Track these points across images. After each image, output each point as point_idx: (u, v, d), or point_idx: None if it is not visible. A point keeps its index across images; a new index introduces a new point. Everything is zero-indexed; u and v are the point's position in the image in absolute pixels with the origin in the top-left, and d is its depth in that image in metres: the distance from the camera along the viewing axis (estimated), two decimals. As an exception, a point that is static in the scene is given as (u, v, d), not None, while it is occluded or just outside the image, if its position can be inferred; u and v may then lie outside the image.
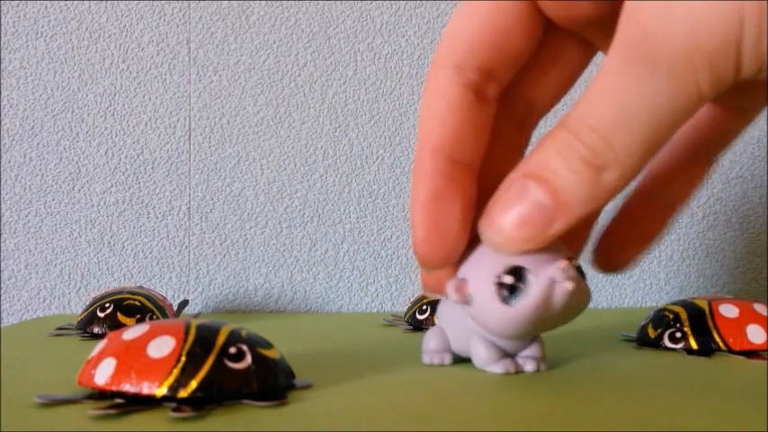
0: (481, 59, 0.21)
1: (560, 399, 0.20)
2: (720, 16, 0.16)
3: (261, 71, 0.49)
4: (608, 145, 0.18)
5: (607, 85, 0.18)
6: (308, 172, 0.49)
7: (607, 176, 0.19)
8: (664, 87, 0.17)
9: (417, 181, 0.21)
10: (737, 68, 0.17)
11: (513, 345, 0.24)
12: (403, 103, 0.50)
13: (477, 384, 0.22)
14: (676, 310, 0.30)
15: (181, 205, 0.48)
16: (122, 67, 0.48)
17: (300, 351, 0.28)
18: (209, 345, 0.20)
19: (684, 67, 0.17)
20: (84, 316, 0.34)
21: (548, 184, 0.19)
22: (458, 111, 0.21)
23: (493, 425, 0.17)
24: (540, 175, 0.20)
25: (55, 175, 0.48)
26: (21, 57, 0.48)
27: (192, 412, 0.18)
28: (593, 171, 0.19)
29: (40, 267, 0.47)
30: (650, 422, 0.18)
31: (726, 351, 0.28)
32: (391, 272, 0.49)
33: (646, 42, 0.17)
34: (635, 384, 0.22)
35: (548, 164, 0.19)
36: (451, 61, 0.21)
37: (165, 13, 0.48)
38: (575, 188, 0.19)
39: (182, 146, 0.48)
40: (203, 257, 0.48)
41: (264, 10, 0.49)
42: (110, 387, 0.19)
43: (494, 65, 0.21)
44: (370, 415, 0.18)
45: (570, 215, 0.20)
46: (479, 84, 0.21)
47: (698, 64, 0.17)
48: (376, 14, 0.50)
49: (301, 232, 0.49)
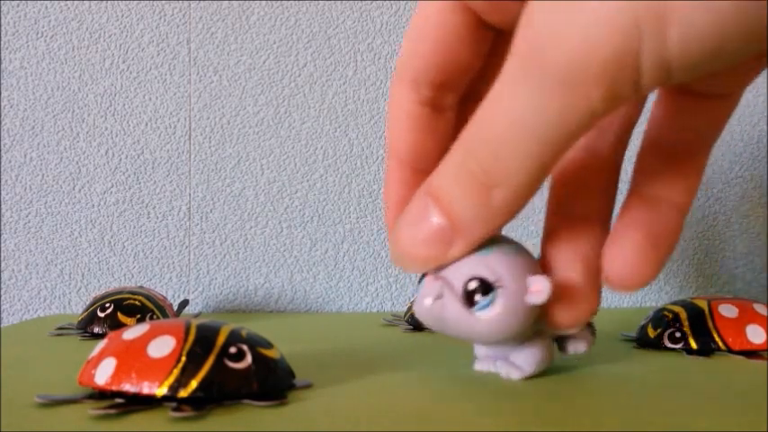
0: (433, 75, 0.22)
1: (560, 399, 0.20)
2: (613, 25, 0.15)
3: (261, 71, 0.49)
4: (498, 161, 0.18)
5: (501, 95, 0.18)
6: (308, 172, 0.49)
7: (498, 195, 0.18)
8: (554, 100, 0.16)
9: (386, 189, 0.23)
10: (636, 81, 0.16)
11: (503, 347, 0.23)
12: (403, 103, 0.49)
13: (477, 384, 0.22)
14: (676, 310, 0.30)
15: (181, 205, 0.48)
16: (122, 68, 0.48)
17: (300, 351, 0.28)
18: (210, 345, 0.20)
19: (575, 80, 0.16)
20: (85, 316, 0.34)
21: (443, 205, 0.20)
22: (416, 124, 0.22)
23: (493, 425, 0.17)
24: (436, 195, 0.20)
25: (55, 175, 0.48)
26: (21, 57, 0.48)
27: (193, 412, 0.18)
28: (484, 191, 0.19)
29: (41, 267, 0.47)
30: (650, 422, 0.18)
31: (725, 351, 0.28)
32: (391, 272, 0.49)
33: (537, 52, 0.16)
34: (635, 384, 0.22)
35: (442, 183, 0.20)
36: (407, 77, 0.22)
37: (165, 13, 0.49)
38: (467, 210, 0.19)
39: (182, 146, 0.48)
40: (203, 257, 0.48)
41: (264, 10, 0.49)
42: (110, 387, 0.19)
43: (446, 78, 0.22)
44: (370, 415, 0.18)
45: (468, 237, 0.20)
46: (435, 97, 0.22)
47: (589, 77, 0.16)
48: (376, 14, 0.50)
49: (301, 232, 0.49)
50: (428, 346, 0.30)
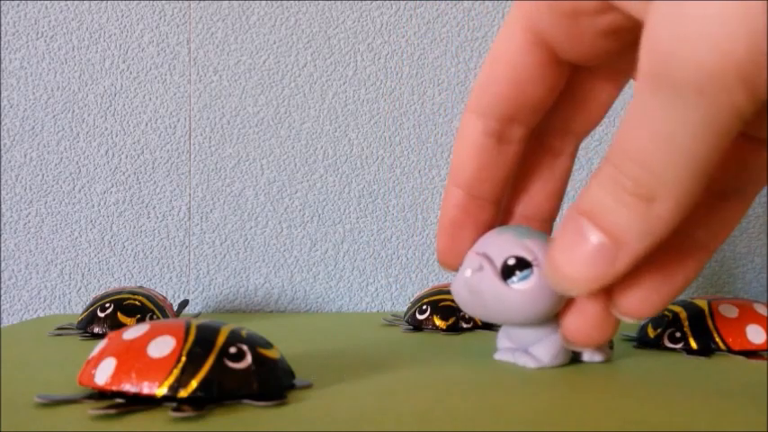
0: (503, 109, 0.23)
1: (560, 399, 0.20)
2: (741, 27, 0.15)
3: (261, 71, 0.49)
4: (651, 174, 0.18)
5: (638, 115, 0.17)
6: (308, 172, 0.49)
7: (659, 207, 0.18)
8: (695, 109, 0.16)
9: (442, 209, 0.25)
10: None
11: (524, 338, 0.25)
12: (403, 103, 0.50)
13: (477, 384, 0.22)
14: (676, 310, 0.30)
15: (181, 205, 0.48)
16: (122, 68, 0.48)
17: (300, 351, 0.28)
18: (210, 345, 0.20)
19: (713, 86, 0.16)
20: (85, 316, 0.34)
21: (601, 222, 0.19)
22: (478, 153, 0.24)
23: (493, 425, 0.17)
24: (592, 213, 0.19)
25: (55, 175, 0.48)
26: (21, 57, 0.48)
27: (193, 412, 0.18)
28: (643, 202, 0.18)
29: (41, 267, 0.47)
30: (650, 422, 0.18)
31: (725, 351, 0.28)
32: (391, 272, 0.49)
33: (666, 65, 0.16)
34: (635, 384, 0.22)
35: (598, 200, 0.19)
36: (477, 109, 0.23)
37: (165, 13, 0.49)
38: (628, 222, 0.19)
39: (182, 146, 0.48)
40: (203, 257, 0.48)
41: (264, 10, 0.49)
42: (110, 387, 0.19)
43: (515, 112, 0.23)
44: (370, 415, 0.18)
45: (631, 250, 0.19)
46: (501, 129, 0.23)
47: (728, 80, 0.15)
48: (376, 14, 0.50)
49: (301, 232, 0.49)
50: (428, 346, 0.30)
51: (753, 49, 0.15)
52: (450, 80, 0.50)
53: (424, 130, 0.50)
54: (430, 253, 0.49)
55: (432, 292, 0.37)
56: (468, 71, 0.50)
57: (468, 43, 0.50)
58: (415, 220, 0.49)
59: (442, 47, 0.50)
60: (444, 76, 0.50)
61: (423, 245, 0.49)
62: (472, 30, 0.50)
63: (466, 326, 0.35)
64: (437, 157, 0.49)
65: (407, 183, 0.49)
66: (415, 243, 0.49)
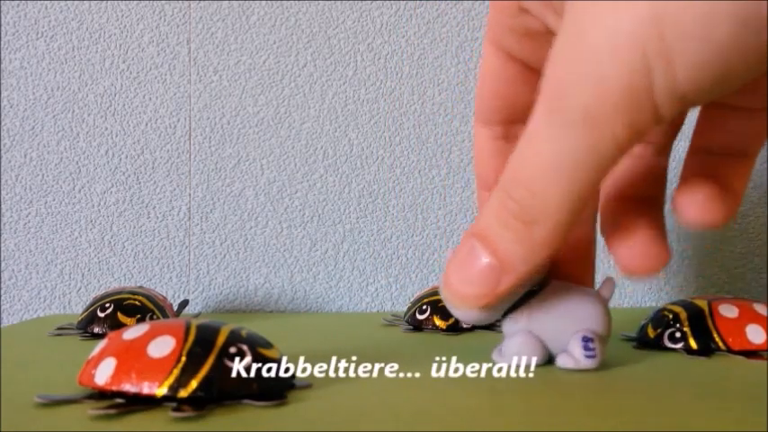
0: (501, 116, 0.24)
1: (560, 399, 0.20)
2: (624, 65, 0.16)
3: (261, 71, 0.49)
4: (535, 198, 0.19)
5: (531, 139, 0.19)
6: (308, 172, 0.49)
7: (539, 230, 0.19)
8: (581, 139, 0.18)
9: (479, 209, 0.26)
10: (654, 112, 0.17)
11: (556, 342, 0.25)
12: (403, 103, 0.50)
13: (477, 384, 0.22)
14: (676, 310, 0.30)
15: (181, 205, 0.48)
16: (122, 68, 0.48)
17: (300, 351, 0.28)
18: (210, 345, 0.20)
19: (598, 118, 0.17)
20: (85, 316, 0.34)
21: (489, 243, 0.21)
22: (493, 156, 0.25)
23: (493, 425, 0.17)
24: (483, 236, 0.21)
25: (55, 175, 0.48)
26: (21, 57, 0.48)
27: (193, 412, 0.18)
28: (525, 227, 0.20)
29: (41, 267, 0.47)
30: (650, 422, 0.18)
31: (725, 351, 0.28)
32: (391, 272, 0.49)
33: (560, 94, 0.18)
34: (635, 384, 0.22)
35: (487, 224, 0.21)
36: (481, 118, 0.25)
37: (165, 13, 0.49)
38: (512, 246, 0.20)
39: (182, 146, 0.48)
40: (203, 257, 0.48)
41: (264, 10, 0.49)
42: (110, 387, 0.19)
43: (512, 115, 0.24)
44: (370, 415, 0.18)
45: (514, 273, 0.21)
46: (505, 130, 0.25)
47: (610, 114, 0.17)
48: (376, 14, 0.50)
49: (301, 232, 0.49)
50: (428, 346, 0.30)
51: (632, 86, 0.16)
52: (450, 80, 0.50)
53: (424, 130, 0.50)
54: (430, 253, 0.49)
55: (432, 292, 0.37)
56: (468, 71, 0.50)
57: (468, 43, 0.50)
58: (415, 220, 0.49)
59: (441, 47, 0.50)
60: (444, 76, 0.50)
61: (423, 245, 0.49)
62: (472, 30, 0.50)
63: (466, 326, 0.35)
64: (437, 157, 0.49)
65: (407, 183, 0.49)
66: (415, 243, 0.49)
